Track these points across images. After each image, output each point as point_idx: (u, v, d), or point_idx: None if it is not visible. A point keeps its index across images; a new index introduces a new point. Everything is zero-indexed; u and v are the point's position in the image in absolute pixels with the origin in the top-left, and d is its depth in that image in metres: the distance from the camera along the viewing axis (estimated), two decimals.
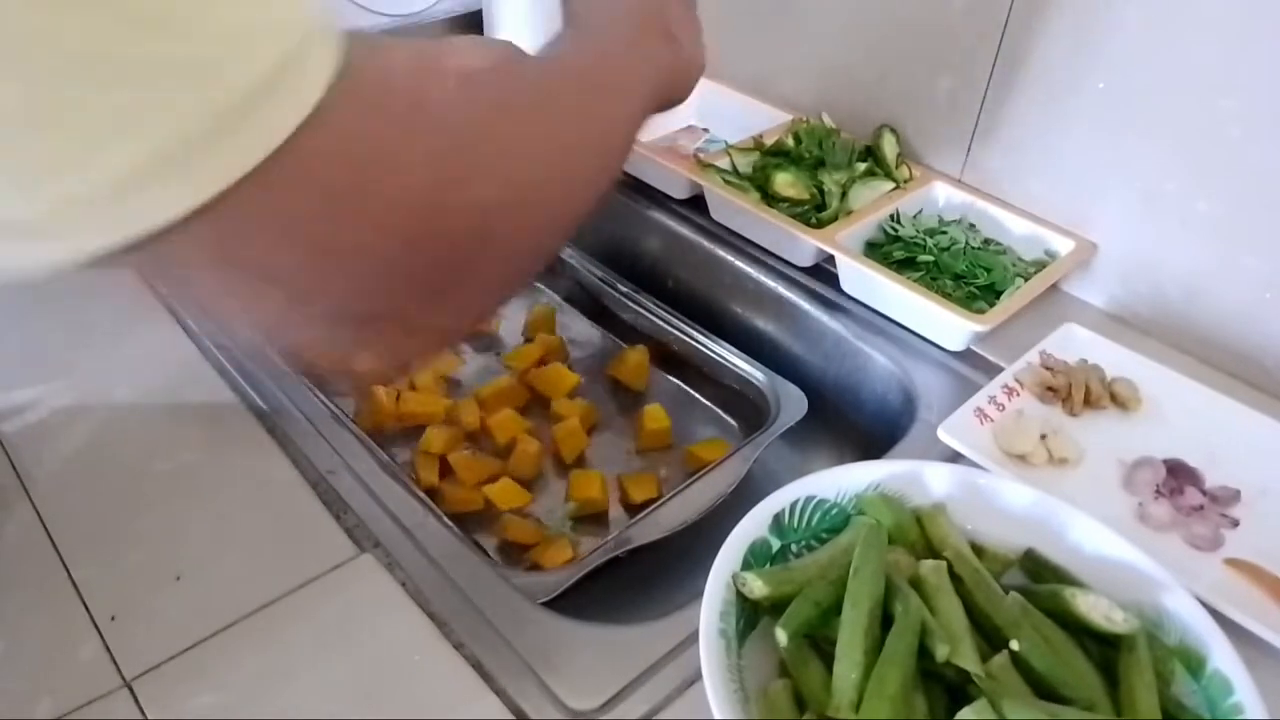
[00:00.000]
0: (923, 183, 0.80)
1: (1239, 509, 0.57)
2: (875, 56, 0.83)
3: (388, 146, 0.28)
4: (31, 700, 0.44)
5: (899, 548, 0.47)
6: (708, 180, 0.79)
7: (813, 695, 0.41)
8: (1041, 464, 0.59)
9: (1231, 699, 0.40)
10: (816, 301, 0.75)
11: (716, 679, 0.39)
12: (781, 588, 0.43)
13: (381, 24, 1.05)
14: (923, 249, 0.74)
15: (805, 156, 0.81)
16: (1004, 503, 0.49)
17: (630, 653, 0.48)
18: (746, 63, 0.93)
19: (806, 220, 0.76)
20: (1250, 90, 0.61)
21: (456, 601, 0.50)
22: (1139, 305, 0.72)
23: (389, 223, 0.28)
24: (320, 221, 0.27)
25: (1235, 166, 0.64)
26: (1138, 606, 0.44)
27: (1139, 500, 0.57)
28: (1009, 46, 0.73)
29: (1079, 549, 0.47)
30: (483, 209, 0.31)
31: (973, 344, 0.69)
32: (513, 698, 0.46)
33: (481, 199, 0.31)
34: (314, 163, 0.25)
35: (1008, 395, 0.63)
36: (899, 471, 0.49)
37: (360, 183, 0.27)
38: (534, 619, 0.50)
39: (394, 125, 0.28)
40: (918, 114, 0.82)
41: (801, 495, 0.48)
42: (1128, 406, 0.63)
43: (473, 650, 0.48)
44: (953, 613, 0.42)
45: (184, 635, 0.47)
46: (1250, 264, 0.65)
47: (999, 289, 0.71)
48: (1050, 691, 0.40)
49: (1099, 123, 0.70)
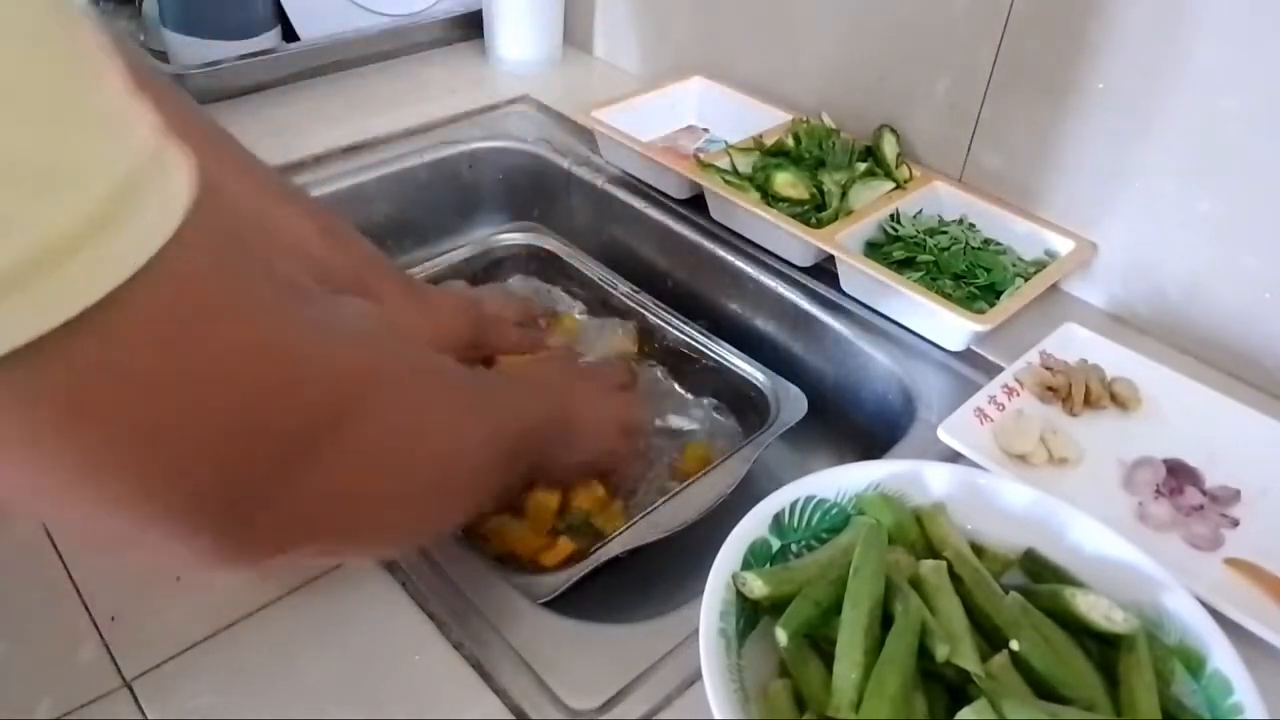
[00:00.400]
0: (923, 183, 0.80)
1: (1239, 509, 0.57)
2: (875, 56, 0.83)
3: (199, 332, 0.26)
4: (31, 700, 0.44)
5: (899, 548, 0.47)
6: (708, 180, 0.79)
7: (813, 695, 0.41)
8: (1041, 464, 0.59)
9: (1231, 699, 0.40)
10: (816, 301, 0.75)
11: (716, 679, 0.39)
12: (781, 588, 0.43)
13: (382, 24, 1.05)
14: (923, 249, 0.74)
15: (805, 156, 0.81)
16: (1004, 503, 0.49)
17: (630, 653, 0.48)
18: (746, 63, 0.93)
19: (806, 220, 0.76)
20: (1251, 90, 0.61)
21: (456, 601, 0.50)
22: (1139, 305, 0.72)
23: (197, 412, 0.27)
24: (112, 404, 0.25)
25: (1236, 166, 0.64)
26: (1138, 606, 0.44)
27: (1139, 500, 0.57)
28: (1009, 46, 0.73)
29: (1079, 549, 0.47)
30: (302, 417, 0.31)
31: (973, 344, 0.69)
32: (512, 698, 0.46)
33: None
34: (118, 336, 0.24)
35: (1008, 395, 0.63)
36: (899, 471, 0.49)
37: (162, 370, 0.25)
38: (534, 619, 0.50)
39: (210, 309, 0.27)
40: (918, 114, 0.82)
41: (801, 495, 0.48)
42: (1128, 406, 0.63)
43: (472, 650, 0.48)
44: (953, 613, 0.42)
45: (184, 635, 0.47)
46: (1250, 264, 0.65)
47: (999, 289, 0.71)
48: (1050, 691, 0.40)
49: (1099, 123, 0.70)
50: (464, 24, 1.10)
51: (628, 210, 0.87)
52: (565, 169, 0.92)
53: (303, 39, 1.01)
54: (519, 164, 0.95)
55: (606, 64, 1.11)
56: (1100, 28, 0.67)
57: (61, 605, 0.48)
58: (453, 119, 0.96)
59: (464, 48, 1.11)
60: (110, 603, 0.48)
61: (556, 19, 1.07)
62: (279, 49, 0.99)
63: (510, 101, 1.01)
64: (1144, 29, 0.65)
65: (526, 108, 1.01)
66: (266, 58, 0.97)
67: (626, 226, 0.88)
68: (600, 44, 1.11)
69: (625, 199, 0.88)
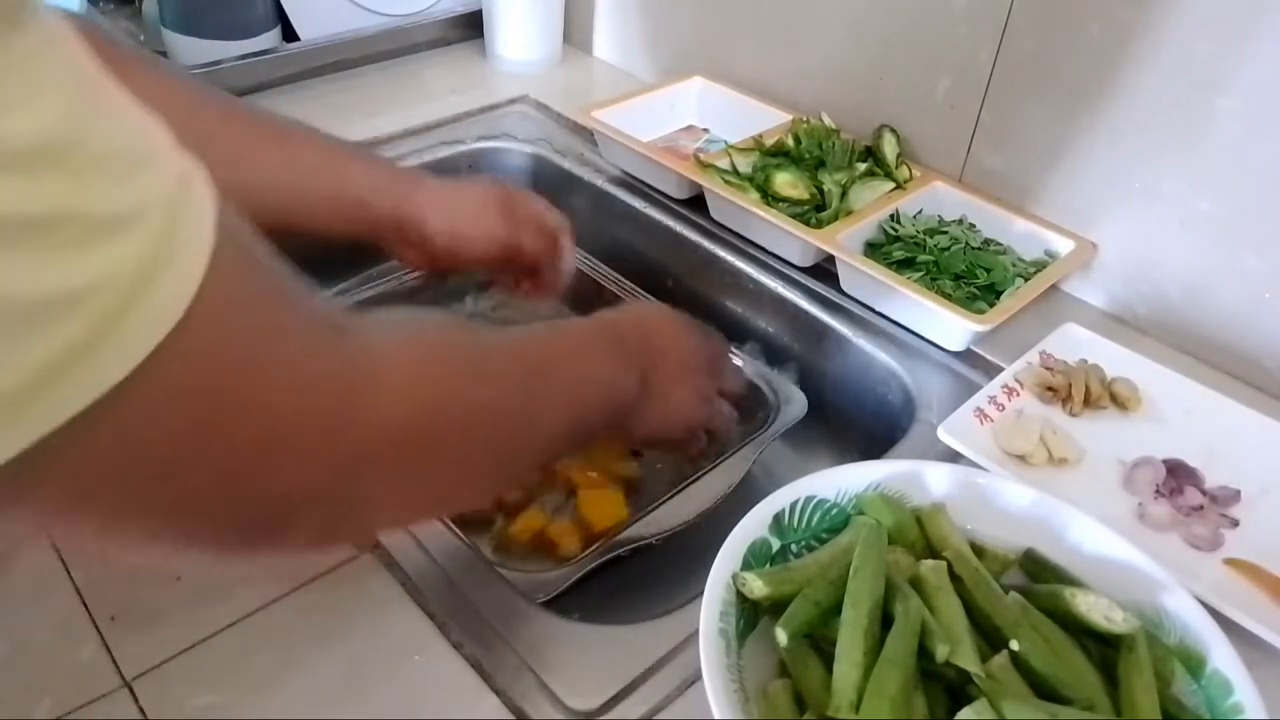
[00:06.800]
0: (923, 183, 0.80)
1: (1239, 509, 0.57)
2: (875, 56, 0.83)
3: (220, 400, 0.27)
4: (31, 700, 0.44)
5: (899, 548, 0.47)
6: (708, 180, 0.79)
7: (813, 695, 0.41)
8: (1041, 464, 0.59)
9: (1231, 699, 0.40)
10: (816, 301, 0.75)
11: (716, 679, 0.39)
12: (781, 588, 0.43)
13: (381, 24, 1.05)
14: (923, 249, 0.74)
15: (805, 156, 0.81)
16: (1004, 503, 0.49)
17: (630, 653, 0.48)
18: (746, 63, 0.93)
19: (806, 220, 0.76)
20: (1250, 89, 0.61)
21: (456, 601, 0.50)
22: (1139, 305, 0.72)
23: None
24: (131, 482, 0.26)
25: (1236, 166, 0.64)
26: (1138, 606, 0.44)
27: (1139, 500, 0.57)
28: (1009, 46, 0.73)
29: (1079, 549, 0.47)
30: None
31: (973, 344, 0.69)
32: (512, 698, 0.45)
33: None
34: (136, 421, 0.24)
35: (1008, 395, 0.63)
36: (899, 471, 0.49)
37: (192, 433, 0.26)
38: (534, 619, 0.50)
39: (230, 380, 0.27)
40: (918, 114, 0.82)
41: (801, 495, 0.48)
42: (1128, 406, 0.63)
43: (472, 650, 0.48)
44: (953, 613, 0.42)
45: (184, 635, 0.47)
46: (1250, 264, 0.65)
47: (999, 289, 0.71)
48: (1050, 691, 0.40)
49: (1099, 122, 0.70)
50: (464, 24, 1.10)
51: (628, 210, 0.87)
52: (565, 169, 0.92)
53: (303, 39, 1.01)
54: (519, 164, 0.95)
55: (606, 64, 1.11)
56: (1100, 28, 0.67)
57: (61, 605, 0.48)
58: (453, 119, 0.96)
59: (464, 48, 1.11)
60: (110, 603, 0.48)
61: (556, 19, 1.07)
62: (279, 49, 0.99)
63: (510, 101, 1.01)
64: (1144, 29, 0.65)
65: (526, 108, 1.01)
66: (266, 58, 0.97)
67: (626, 226, 0.88)
68: (600, 44, 1.11)
69: (625, 199, 0.88)
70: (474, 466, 0.39)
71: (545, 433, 0.44)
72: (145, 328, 0.23)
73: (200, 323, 0.24)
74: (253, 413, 0.27)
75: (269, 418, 0.28)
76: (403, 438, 0.33)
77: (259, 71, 0.96)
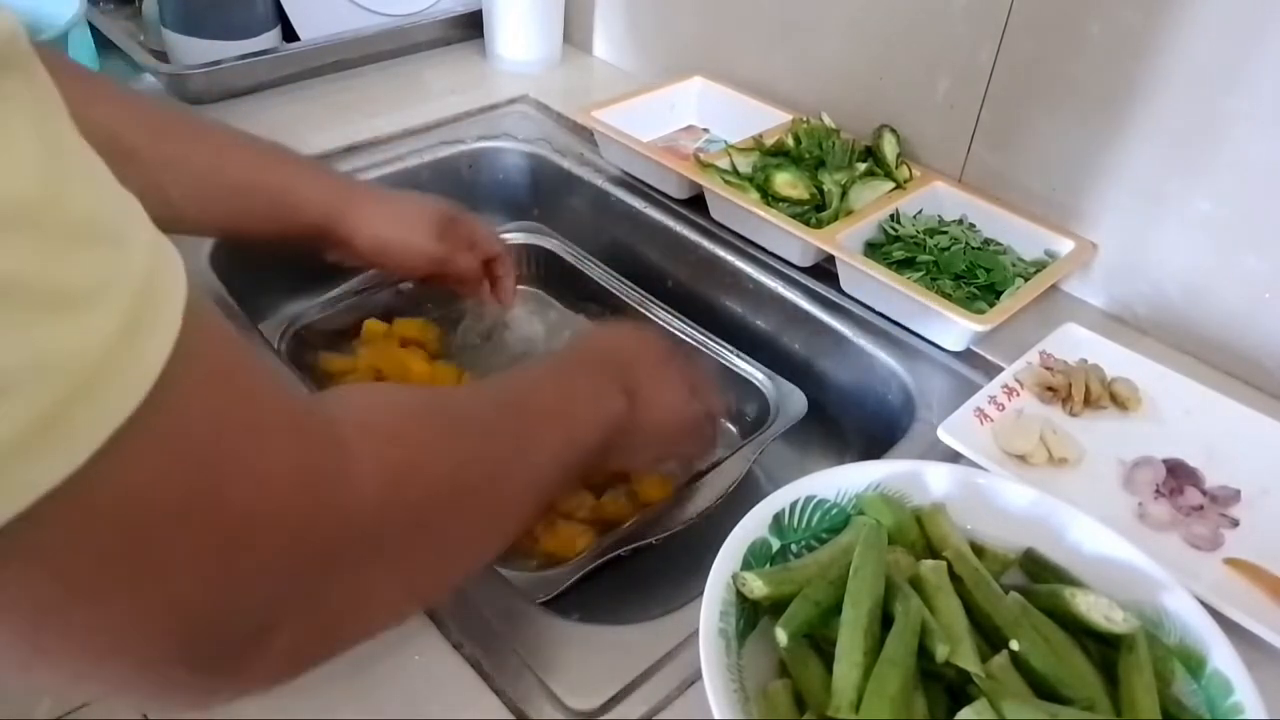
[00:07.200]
0: (923, 183, 0.80)
1: (1239, 509, 0.57)
2: (875, 56, 0.83)
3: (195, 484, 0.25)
4: (32, 700, 0.44)
5: (899, 548, 0.47)
6: (708, 180, 0.79)
7: (813, 695, 0.41)
8: (1041, 464, 0.59)
9: (1231, 699, 0.40)
10: (816, 301, 0.75)
11: (716, 679, 0.39)
12: (781, 588, 0.43)
13: (382, 24, 1.05)
14: (923, 249, 0.74)
15: (805, 156, 0.81)
16: (1004, 502, 0.49)
17: (630, 653, 0.48)
18: (746, 63, 0.93)
19: (806, 220, 0.76)
20: (1251, 89, 0.61)
21: (456, 601, 0.50)
22: (1139, 305, 0.72)
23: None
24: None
25: (1236, 166, 0.64)
26: (1138, 606, 0.44)
27: (1139, 500, 0.57)
28: (1009, 46, 0.73)
29: (1079, 549, 0.47)
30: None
31: (973, 344, 0.69)
32: (512, 698, 0.45)
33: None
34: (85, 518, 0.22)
35: (1008, 395, 0.63)
36: (899, 471, 0.49)
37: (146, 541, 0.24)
38: (534, 619, 0.50)
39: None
40: (918, 114, 0.82)
41: (801, 495, 0.48)
42: (1128, 406, 0.63)
43: (472, 650, 0.48)
44: (953, 613, 0.42)
45: None
46: (1250, 264, 0.65)
47: (999, 289, 0.71)
48: (1050, 691, 0.40)
49: (1099, 122, 0.70)
50: (464, 24, 1.10)
51: (628, 210, 0.87)
52: (565, 169, 0.92)
53: (303, 39, 1.01)
54: (519, 164, 0.95)
55: (606, 64, 1.11)
56: (1101, 28, 0.67)
57: None
58: (453, 119, 0.96)
59: (464, 48, 1.11)
60: None
61: (556, 19, 1.07)
62: (279, 49, 0.99)
63: (510, 101, 1.01)
64: (1144, 28, 0.65)
65: (526, 108, 1.01)
66: (266, 58, 0.97)
67: (626, 226, 0.88)
68: (600, 44, 1.11)
69: (625, 199, 0.88)
70: (472, 523, 0.39)
71: (542, 467, 0.44)
72: (98, 417, 0.21)
73: (157, 412, 0.22)
74: (213, 507, 0.25)
75: (230, 513, 0.26)
76: (381, 518, 0.32)
77: (259, 71, 0.96)
